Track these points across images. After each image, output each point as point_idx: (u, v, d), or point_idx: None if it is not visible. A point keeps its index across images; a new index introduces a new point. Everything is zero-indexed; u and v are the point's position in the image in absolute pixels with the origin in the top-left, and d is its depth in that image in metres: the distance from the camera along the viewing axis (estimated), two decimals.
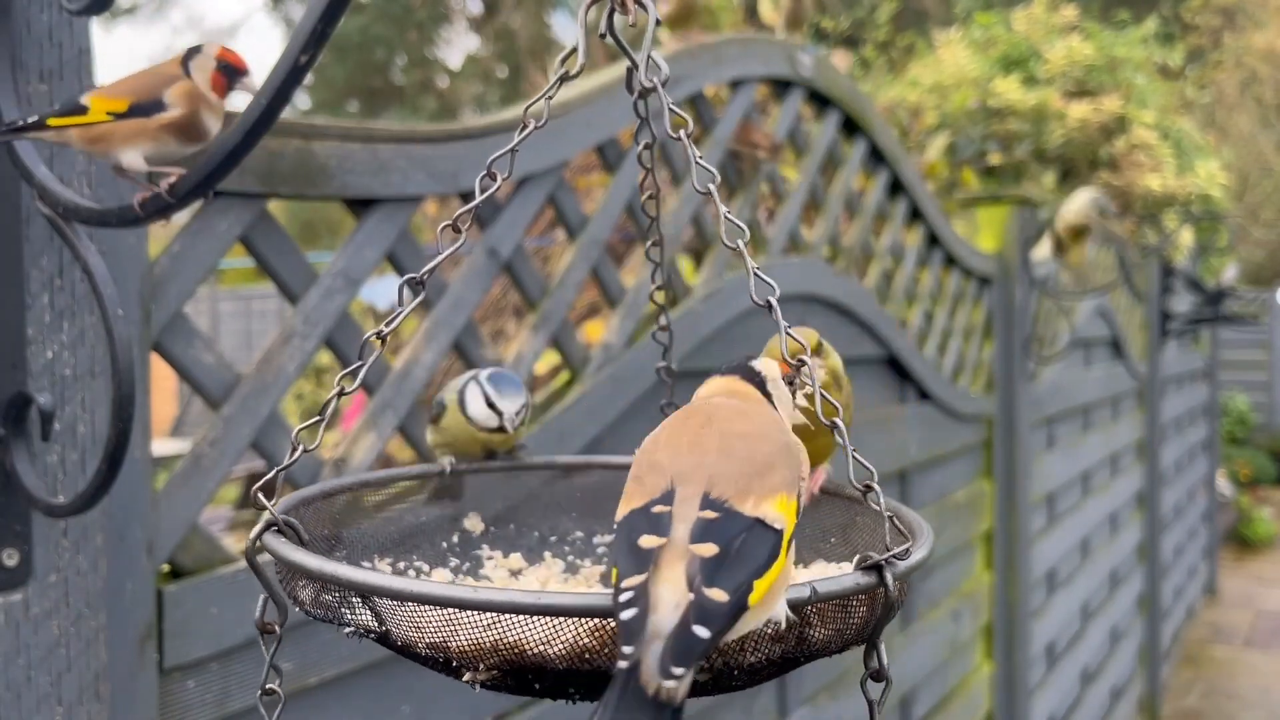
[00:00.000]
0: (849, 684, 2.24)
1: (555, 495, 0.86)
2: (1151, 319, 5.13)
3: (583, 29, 0.64)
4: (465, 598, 0.51)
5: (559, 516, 0.85)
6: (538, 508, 0.85)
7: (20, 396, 0.86)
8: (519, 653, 0.52)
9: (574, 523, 0.85)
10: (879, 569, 0.52)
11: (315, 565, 0.57)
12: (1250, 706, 5.34)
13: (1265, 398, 11.08)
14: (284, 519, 0.62)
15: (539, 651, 0.52)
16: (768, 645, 0.53)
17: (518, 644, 0.52)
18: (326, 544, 0.73)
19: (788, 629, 0.52)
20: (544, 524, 0.85)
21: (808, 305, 2.11)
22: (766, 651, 0.53)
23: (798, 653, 0.54)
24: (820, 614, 0.54)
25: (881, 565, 0.52)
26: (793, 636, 0.53)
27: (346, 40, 16.27)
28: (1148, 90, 5.92)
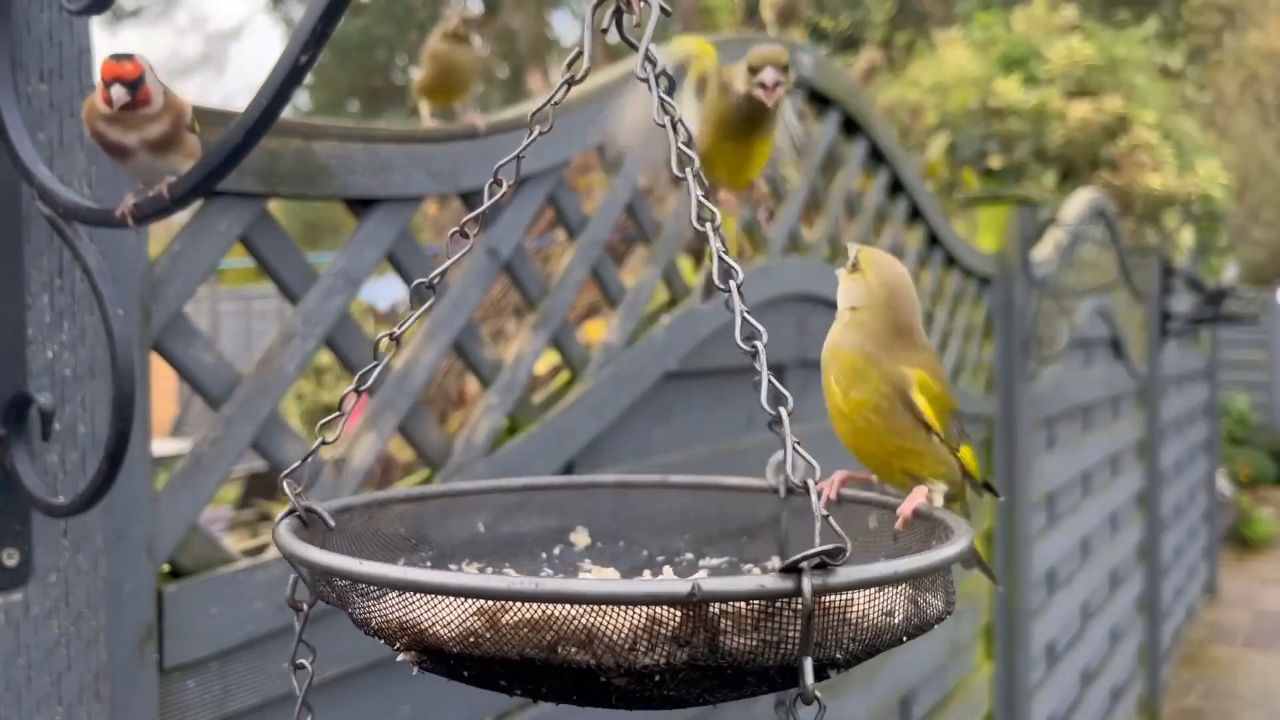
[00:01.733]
0: (849, 684, 2.24)
1: (668, 515, 0.83)
2: (1151, 319, 5.13)
3: (589, 31, 0.63)
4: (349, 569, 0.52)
5: (670, 537, 0.82)
6: (650, 528, 0.83)
7: (20, 396, 0.86)
8: (419, 632, 0.53)
9: (685, 545, 0.82)
10: (798, 573, 0.47)
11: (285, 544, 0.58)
12: (1250, 706, 5.34)
13: (1265, 398, 11.08)
14: (306, 505, 0.64)
15: (435, 633, 0.52)
16: (666, 646, 0.50)
17: (415, 624, 0.53)
18: (406, 543, 0.75)
19: (692, 631, 0.49)
20: (654, 543, 0.82)
21: (808, 305, 2.11)
22: (666, 653, 0.50)
23: (715, 662, 0.50)
24: (735, 619, 0.49)
25: (800, 569, 0.47)
26: (701, 641, 0.50)
27: (348, 41, 16.27)
28: (1148, 90, 5.92)
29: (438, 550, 0.76)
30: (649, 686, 0.51)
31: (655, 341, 1.67)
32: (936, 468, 0.74)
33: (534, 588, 0.47)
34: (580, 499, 0.84)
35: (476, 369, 1.40)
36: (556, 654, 0.50)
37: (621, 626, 0.50)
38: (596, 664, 0.50)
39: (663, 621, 0.50)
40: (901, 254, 2.60)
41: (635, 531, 0.83)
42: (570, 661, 0.50)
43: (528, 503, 0.82)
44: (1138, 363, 4.91)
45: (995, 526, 3.10)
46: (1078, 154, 5.59)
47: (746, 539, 0.81)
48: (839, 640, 0.52)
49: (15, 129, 0.83)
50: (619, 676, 0.51)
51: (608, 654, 0.50)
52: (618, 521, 0.83)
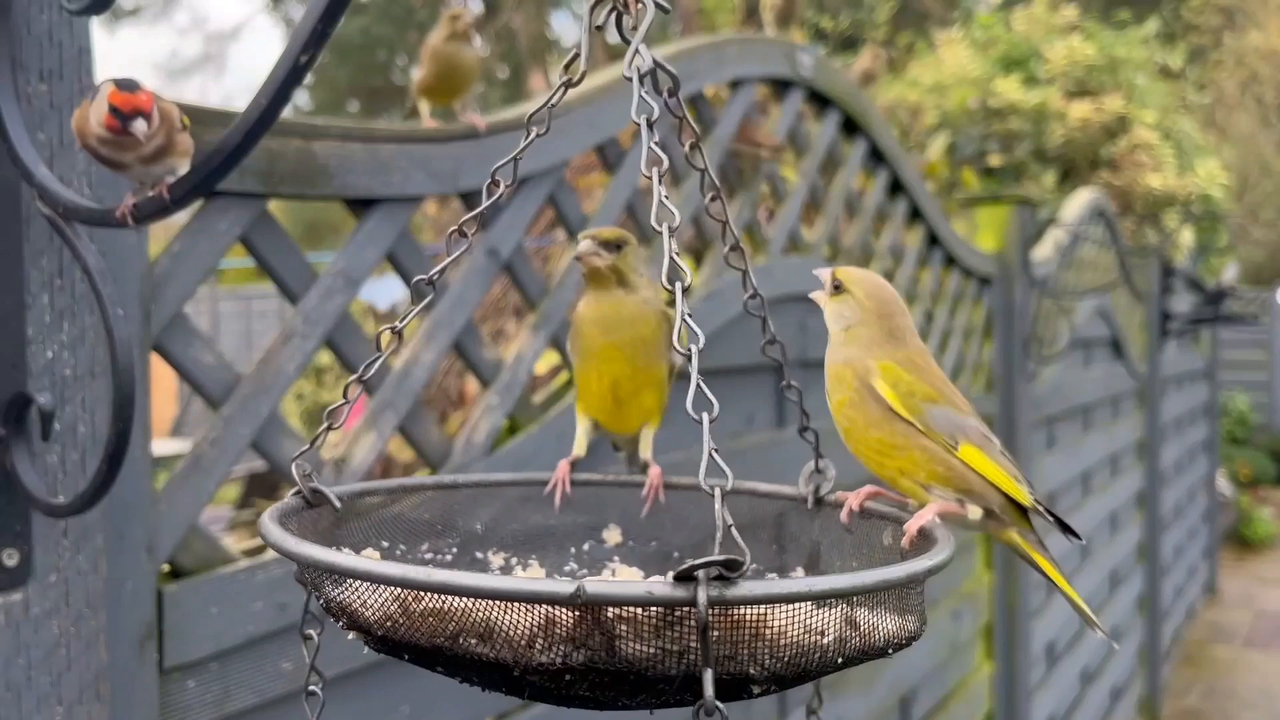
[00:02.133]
0: (849, 684, 2.24)
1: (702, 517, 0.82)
2: (1151, 319, 5.13)
3: (587, 34, 0.63)
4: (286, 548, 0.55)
5: (704, 540, 0.81)
6: (684, 529, 0.82)
7: (20, 396, 0.86)
8: (351, 613, 0.55)
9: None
10: (692, 582, 0.46)
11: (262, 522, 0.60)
12: (1250, 706, 5.34)
13: (1265, 398, 11.08)
14: (310, 487, 0.66)
15: (363, 616, 0.55)
16: (562, 646, 0.50)
17: (348, 604, 0.55)
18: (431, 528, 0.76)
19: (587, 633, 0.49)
20: (686, 545, 0.82)
21: (808, 305, 2.11)
22: (562, 653, 0.50)
23: (614, 665, 0.50)
24: (632, 625, 0.49)
25: (695, 578, 0.46)
26: (598, 643, 0.49)
27: (348, 41, 16.27)
28: (1148, 90, 5.92)
29: (465, 538, 0.77)
30: (560, 684, 0.52)
31: None
32: (931, 466, 0.73)
33: (425, 578, 0.49)
34: (617, 496, 0.84)
35: (476, 369, 1.40)
36: (459, 644, 0.52)
37: (517, 623, 0.50)
38: (496, 657, 0.51)
39: (558, 621, 0.50)
40: (901, 254, 2.60)
41: (667, 532, 0.82)
42: (472, 653, 0.51)
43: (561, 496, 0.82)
44: (1138, 363, 4.91)
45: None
46: (1078, 154, 5.59)
47: (777, 548, 0.80)
48: (754, 656, 0.51)
49: (15, 129, 0.83)
50: (528, 672, 0.51)
51: (506, 648, 0.51)
52: (652, 521, 0.82)
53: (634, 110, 0.59)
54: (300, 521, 0.65)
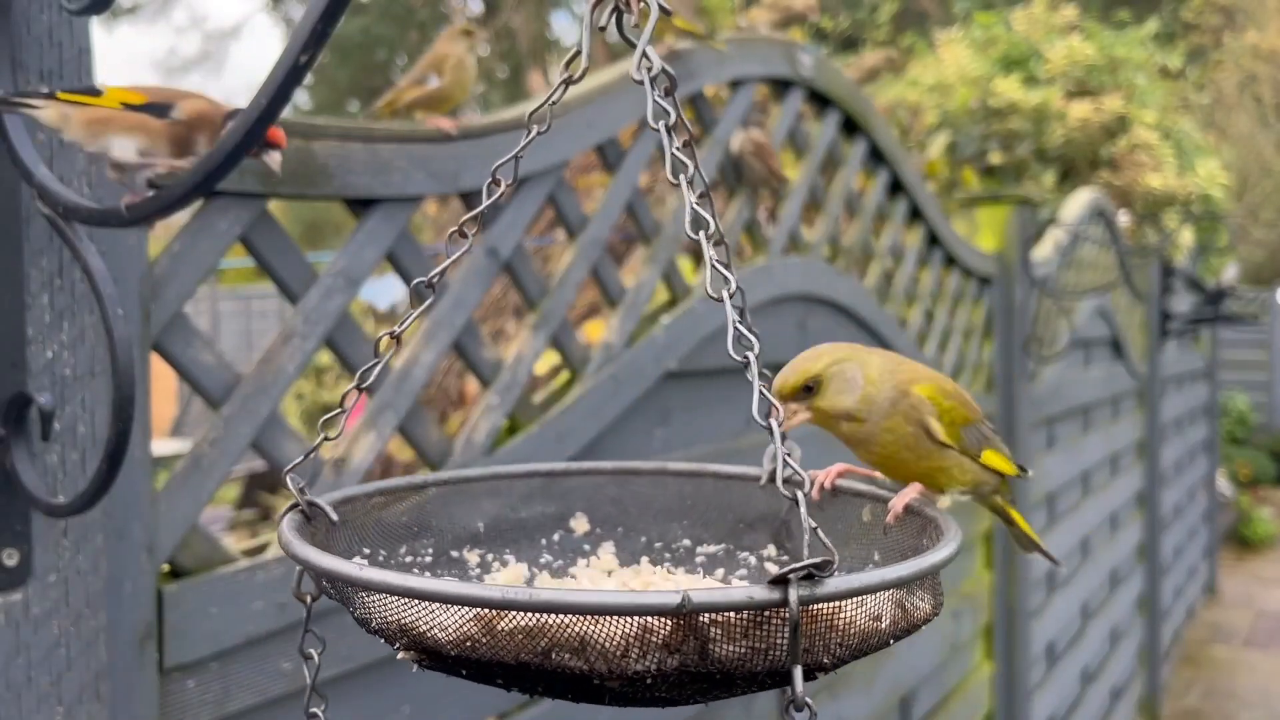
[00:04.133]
0: (850, 684, 2.24)
1: (666, 502, 0.84)
2: (1151, 319, 5.13)
3: (587, 32, 0.63)
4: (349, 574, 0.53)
5: (668, 524, 0.83)
6: (648, 514, 0.84)
7: (20, 396, 0.86)
8: (417, 635, 0.54)
9: (683, 531, 0.83)
10: (785, 584, 0.48)
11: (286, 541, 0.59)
12: (1250, 706, 5.34)
13: (1265, 398, 11.08)
14: (310, 500, 0.65)
15: (433, 636, 0.53)
16: (657, 653, 0.51)
17: (413, 627, 0.54)
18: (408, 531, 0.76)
19: (682, 639, 0.50)
20: (652, 530, 0.83)
21: (808, 305, 2.11)
22: (658, 660, 0.51)
23: (706, 668, 0.51)
24: (725, 628, 0.50)
25: (787, 580, 0.48)
26: (691, 649, 0.51)
27: (348, 41, 16.27)
28: (1148, 90, 5.92)
29: (439, 538, 0.77)
30: (641, 689, 0.52)
31: (655, 341, 1.67)
32: (963, 477, 0.76)
33: (528, 598, 0.48)
34: (580, 486, 0.84)
35: (476, 369, 1.40)
36: (550, 659, 0.51)
37: (614, 635, 0.50)
38: (589, 669, 0.51)
39: (654, 630, 0.50)
40: (901, 254, 2.60)
41: (634, 519, 0.84)
42: (564, 667, 0.51)
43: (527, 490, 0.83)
44: (1138, 363, 4.91)
45: (995, 526, 3.10)
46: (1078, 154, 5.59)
47: (744, 526, 0.82)
48: (827, 646, 0.53)
49: (15, 129, 0.83)
50: (612, 680, 0.51)
51: (600, 660, 0.51)
52: (617, 508, 0.84)
53: (650, 116, 0.60)
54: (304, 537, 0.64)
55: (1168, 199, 5.62)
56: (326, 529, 0.67)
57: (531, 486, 0.83)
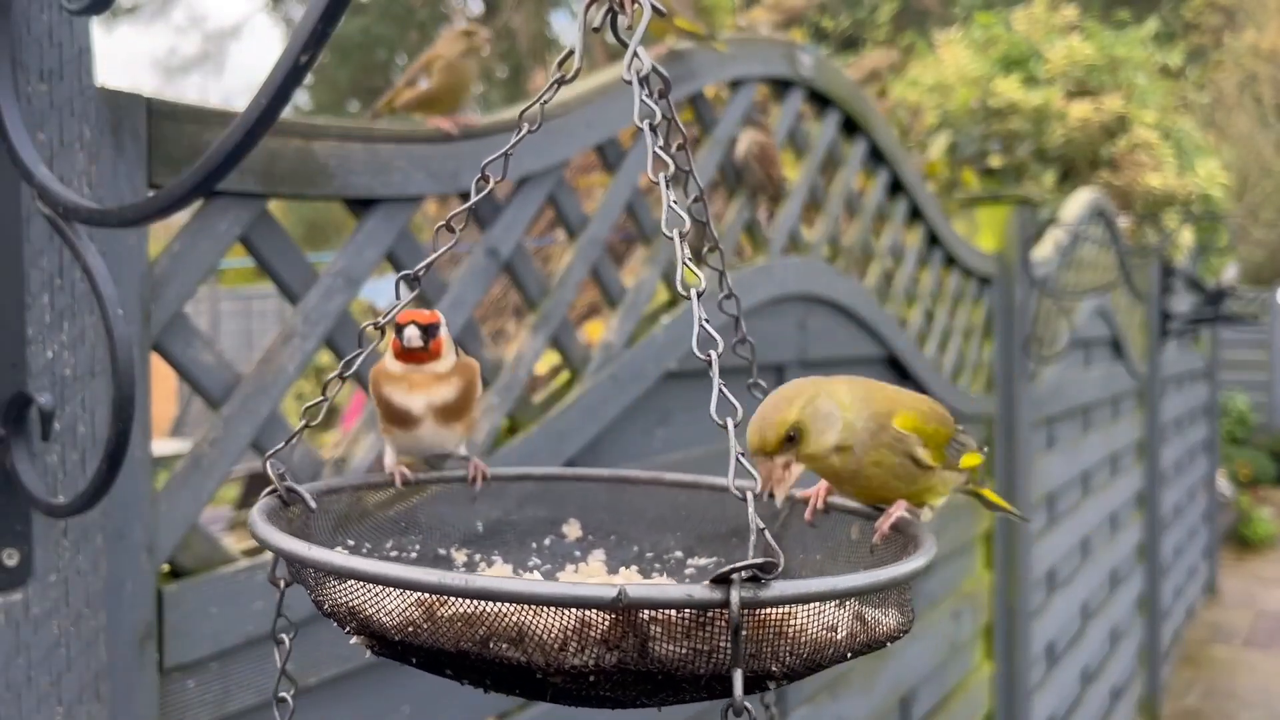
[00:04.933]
0: (849, 684, 2.24)
1: (661, 512, 0.83)
2: (1151, 319, 5.13)
3: (581, 32, 0.63)
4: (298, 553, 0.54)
5: (662, 534, 0.83)
6: (642, 523, 0.83)
7: (20, 396, 0.86)
8: (364, 619, 0.55)
9: (676, 542, 0.83)
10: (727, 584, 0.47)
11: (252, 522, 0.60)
12: (1250, 706, 5.34)
13: (1265, 398, 11.08)
14: (289, 486, 0.66)
15: (379, 621, 0.54)
16: (595, 648, 0.50)
17: (361, 609, 0.54)
18: (397, 528, 0.76)
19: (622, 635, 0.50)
20: (645, 539, 0.83)
21: (808, 305, 2.11)
22: (595, 655, 0.50)
23: (645, 666, 0.50)
24: (665, 626, 0.50)
25: (730, 581, 0.47)
26: (630, 646, 0.50)
27: (348, 40, 16.26)
28: (1148, 90, 5.92)
29: (427, 536, 0.77)
30: (584, 685, 0.52)
31: (655, 341, 1.67)
32: (945, 490, 0.76)
33: (464, 583, 0.48)
34: (575, 491, 0.84)
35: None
36: (489, 649, 0.51)
37: (552, 626, 0.50)
38: (527, 661, 0.51)
39: (593, 624, 0.50)
40: (901, 254, 2.60)
41: (627, 526, 0.83)
42: (501, 657, 0.51)
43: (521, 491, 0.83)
44: (1138, 363, 4.91)
45: (995, 526, 3.10)
46: (1078, 153, 5.59)
47: (737, 540, 0.81)
48: (775, 653, 0.52)
49: (15, 129, 0.83)
50: (553, 675, 0.51)
51: (538, 652, 0.51)
52: (611, 515, 0.83)
53: (636, 115, 0.60)
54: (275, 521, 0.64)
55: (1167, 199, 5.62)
56: (304, 517, 0.67)
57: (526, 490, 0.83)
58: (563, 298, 1.51)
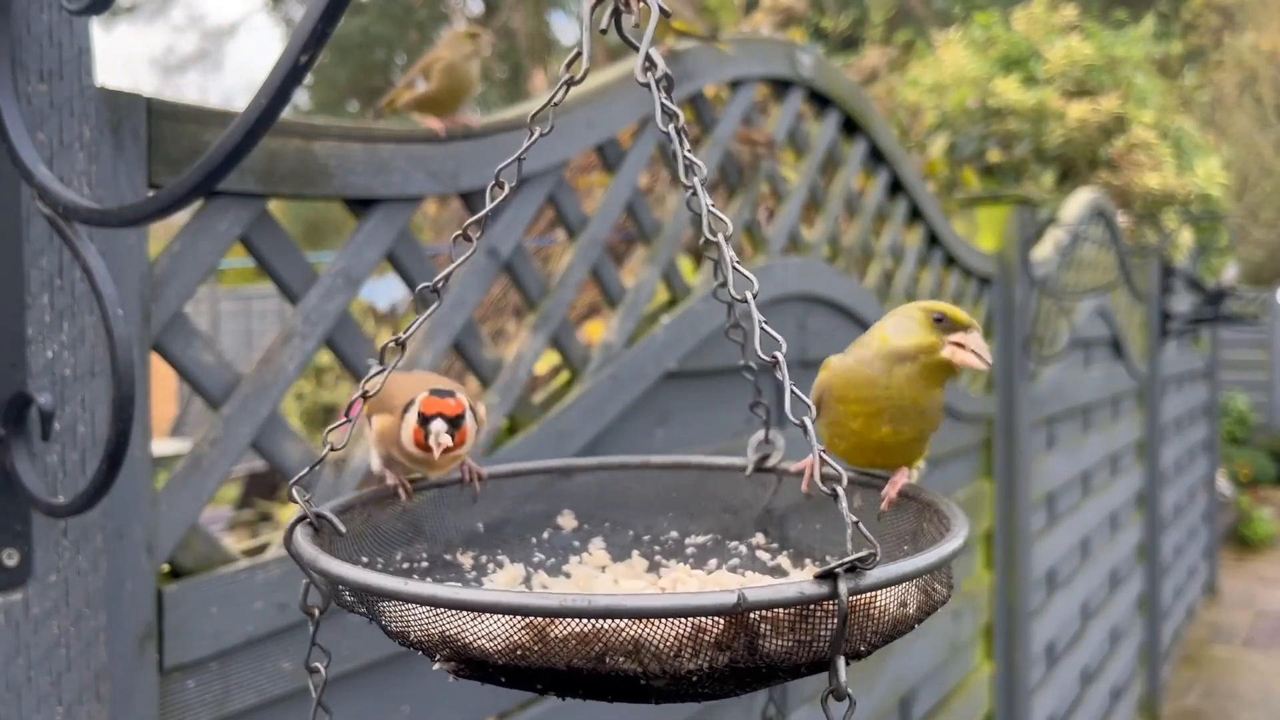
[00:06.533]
0: (850, 684, 2.24)
1: (650, 495, 0.85)
2: (1151, 319, 5.13)
3: (587, 32, 0.63)
4: (395, 590, 0.52)
5: (654, 516, 0.84)
6: (633, 507, 0.85)
7: (20, 396, 0.86)
8: (462, 646, 0.53)
9: (670, 523, 0.84)
10: (833, 578, 0.50)
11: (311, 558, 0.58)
12: (1250, 706, 5.34)
13: (1265, 398, 11.08)
14: (316, 511, 0.65)
15: (479, 646, 0.53)
16: (709, 652, 0.51)
17: (457, 638, 0.54)
18: (403, 537, 0.76)
19: (733, 637, 0.51)
20: (639, 523, 0.84)
21: (808, 305, 2.11)
22: (709, 658, 0.52)
23: (753, 663, 0.52)
24: (773, 624, 0.51)
25: (835, 574, 0.50)
26: (740, 645, 0.52)
27: (347, 40, 16.26)
28: (1147, 89, 5.92)
29: (432, 543, 0.77)
30: (686, 686, 0.53)
31: (655, 341, 1.67)
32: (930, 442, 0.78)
33: (587, 604, 0.48)
34: (566, 482, 0.85)
35: (476, 369, 1.40)
36: (604, 664, 0.52)
37: (668, 636, 0.51)
38: (643, 671, 0.51)
39: (707, 629, 0.51)
40: (901, 254, 2.60)
41: (620, 512, 0.84)
42: (617, 670, 0.52)
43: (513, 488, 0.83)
44: (1138, 363, 4.91)
45: (995, 526, 3.10)
46: (1077, 153, 5.59)
47: (730, 516, 0.83)
48: (863, 634, 0.55)
49: (15, 129, 0.83)
50: (660, 680, 0.52)
51: (654, 661, 0.51)
52: (602, 503, 0.85)
53: (658, 119, 0.61)
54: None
55: (1166, 199, 5.63)
56: (330, 539, 0.67)
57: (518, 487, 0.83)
58: (563, 298, 1.51)
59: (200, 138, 1.03)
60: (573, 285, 1.53)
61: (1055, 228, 3.67)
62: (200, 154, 0.90)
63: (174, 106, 1.01)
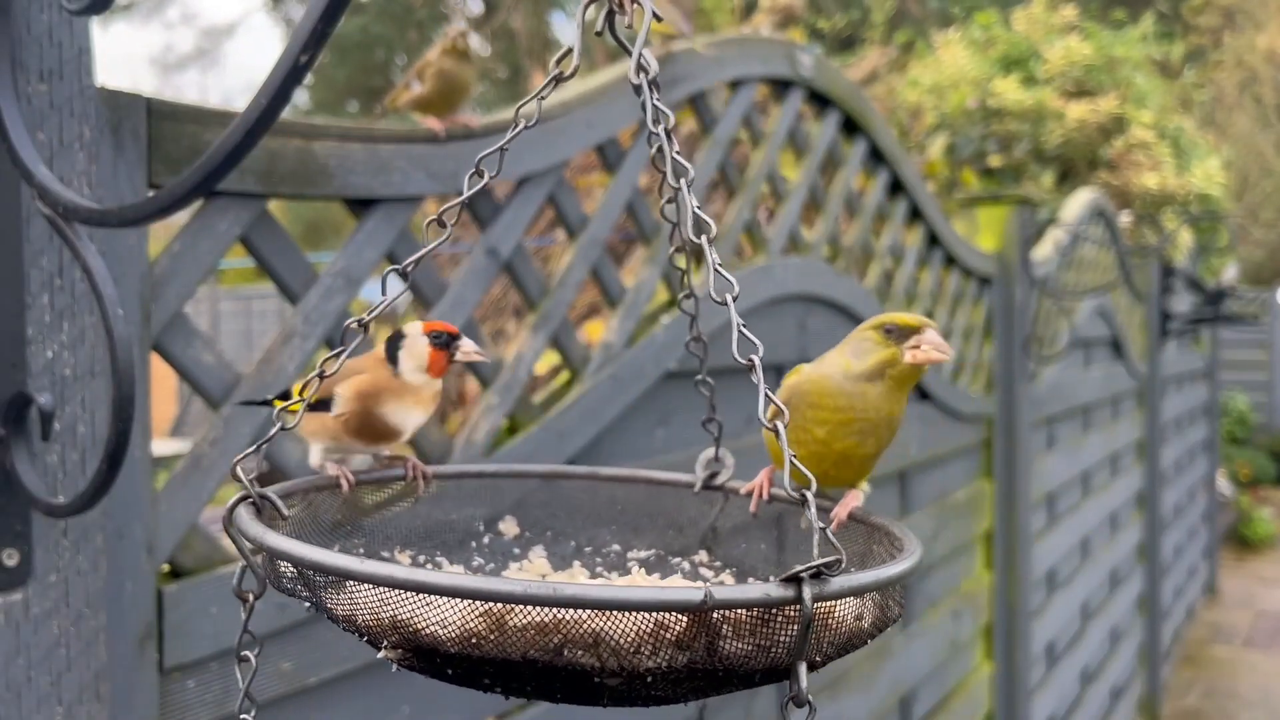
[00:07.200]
0: (849, 684, 2.24)
1: (596, 506, 0.85)
2: (1151, 319, 5.13)
3: (579, 29, 0.63)
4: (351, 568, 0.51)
5: (597, 528, 0.84)
6: (577, 518, 0.84)
7: (20, 396, 0.86)
8: (413, 632, 0.52)
9: (612, 535, 0.84)
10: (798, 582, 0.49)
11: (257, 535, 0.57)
12: (1250, 706, 5.34)
13: (1265, 398, 11.08)
14: (260, 492, 0.63)
15: (431, 632, 0.52)
16: (668, 650, 0.51)
17: (409, 623, 0.52)
18: (341, 530, 0.75)
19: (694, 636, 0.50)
20: (581, 534, 0.83)
21: (808, 305, 2.11)
22: (668, 657, 0.51)
23: (711, 664, 0.52)
24: (734, 625, 0.51)
25: (800, 578, 0.49)
26: (700, 645, 0.51)
27: (347, 40, 16.27)
28: (1147, 89, 5.93)
29: (371, 538, 0.76)
30: (640, 686, 0.52)
31: (655, 341, 1.67)
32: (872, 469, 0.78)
33: (552, 592, 0.48)
34: (511, 488, 0.84)
35: (476, 369, 1.40)
36: (562, 656, 0.51)
37: (629, 631, 0.50)
38: (601, 666, 0.51)
39: (668, 627, 0.51)
40: (901, 254, 2.60)
41: (563, 522, 0.84)
42: (574, 664, 0.51)
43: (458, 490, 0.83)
44: (1138, 363, 4.91)
45: (995, 526, 3.10)
46: (1076, 154, 5.59)
47: (674, 532, 0.83)
48: (820, 644, 0.54)
49: (15, 129, 0.83)
50: (613, 677, 0.51)
51: (612, 657, 0.51)
52: (546, 511, 0.84)
53: (649, 119, 0.61)
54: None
55: (1165, 199, 5.63)
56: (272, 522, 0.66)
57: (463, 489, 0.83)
58: (563, 298, 1.51)
59: (200, 138, 1.03)
60: (573, 285, 1.53)
61: (1055, 228, 3.67)
62: (200, 154, 0.90)
63: (174, 106, 1.01)
